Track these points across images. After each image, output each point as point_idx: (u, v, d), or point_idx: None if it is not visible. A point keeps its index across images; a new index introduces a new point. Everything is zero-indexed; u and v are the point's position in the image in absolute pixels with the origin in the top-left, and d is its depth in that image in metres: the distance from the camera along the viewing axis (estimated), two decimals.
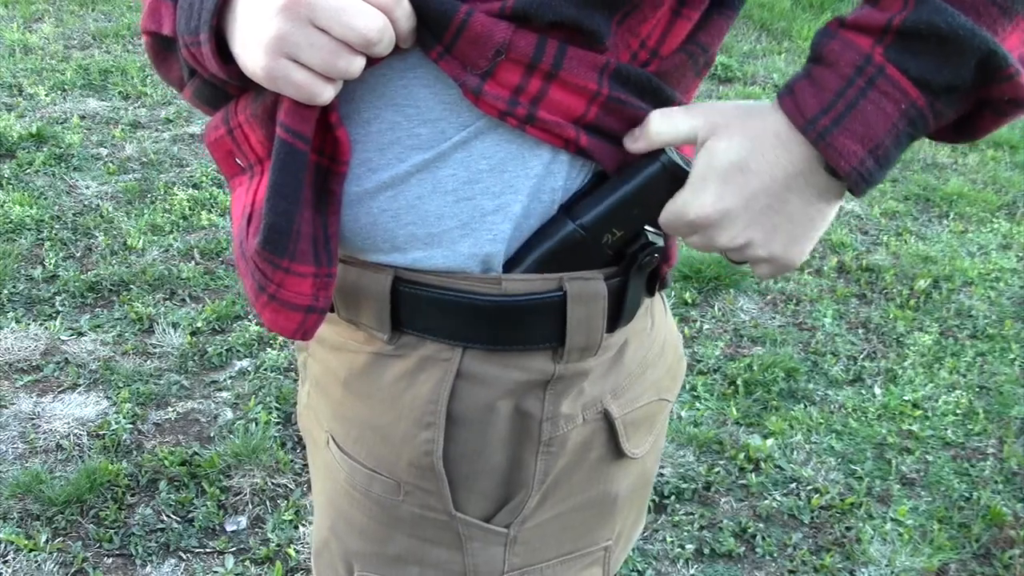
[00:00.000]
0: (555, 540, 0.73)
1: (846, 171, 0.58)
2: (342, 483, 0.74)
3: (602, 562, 0.78)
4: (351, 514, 0.74)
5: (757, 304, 2.77)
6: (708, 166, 0.62)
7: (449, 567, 0.71)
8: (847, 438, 2.25)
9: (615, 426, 0.71)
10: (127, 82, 4.01)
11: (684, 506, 2.00)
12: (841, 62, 0.58)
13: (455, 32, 0.59)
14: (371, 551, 0.73)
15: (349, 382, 0.72)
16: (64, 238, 2.83)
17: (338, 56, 0.57)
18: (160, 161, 3.37)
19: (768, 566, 1.87)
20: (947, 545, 1.94)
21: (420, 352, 0.68)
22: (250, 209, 0.66)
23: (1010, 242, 3.24)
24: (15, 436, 2.07)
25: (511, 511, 0.70)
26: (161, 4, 0.64)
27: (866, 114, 0.57)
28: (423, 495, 0.70)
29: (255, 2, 0.58)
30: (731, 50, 4.95)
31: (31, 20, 4.71)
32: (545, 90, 0.61)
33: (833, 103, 0.58)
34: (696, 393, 2.35)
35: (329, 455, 0.75)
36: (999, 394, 2.43)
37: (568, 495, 0.72)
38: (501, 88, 0.61)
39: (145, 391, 2.21)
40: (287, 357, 2.35)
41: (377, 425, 0.70)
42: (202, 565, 1.79)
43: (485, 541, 0.70)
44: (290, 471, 2.01)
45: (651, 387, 0.76)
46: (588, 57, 0.61)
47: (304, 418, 0.83)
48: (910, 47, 0.56)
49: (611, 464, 0.73)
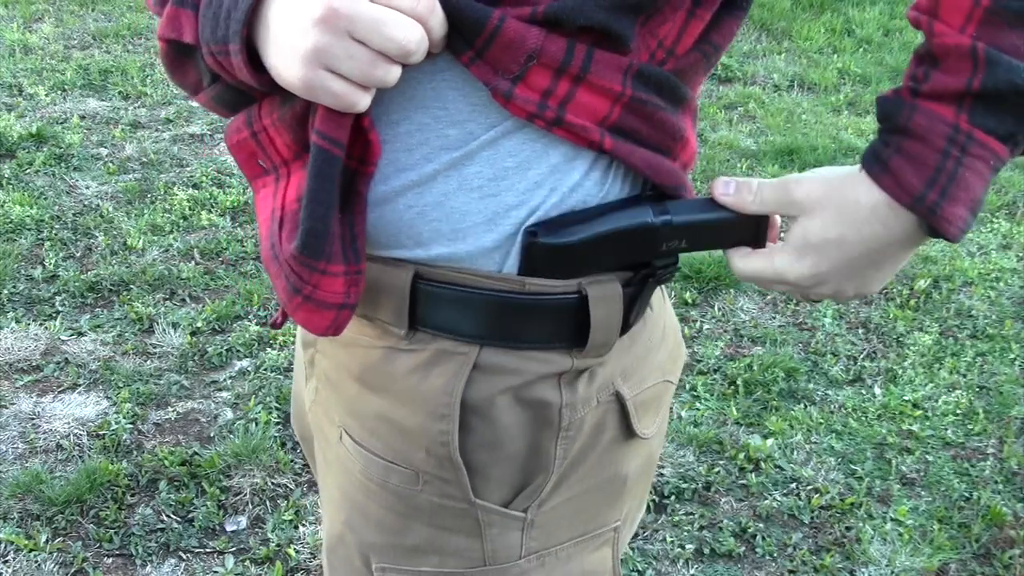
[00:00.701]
0: (569, 523, 0.75)
1: (952, 234, 0.61)
2: (357, 476, 0.74)
3: (612, 543, 0.79)
4: (367, 506, 0.74)
5: (757, 304, 2.77)
6: (805, 240, 0.66)
7: (468, 554, 0.72)
8: (847, 438, 2.25)
9: (627, 407, 0.73)
10: (127, 82, 4.01)
11: (684, 506, 2.00)
12: (931, 135, 0.60)
13: (488, 38, 0.60)
14: (389, 542, 0.74)
15: (363, 377, 0.72)
16: (64, 238, 2.83)
17: (376, 66, 0.58)
18: (160, 161, 3.37)
19: (768, 566, 1.88)
20: (947, 545, 1.94)
21: (435, 346, 0.69)
22: (280, 212, 0.67)
23: (1010, 242, 3.24)
24: (15, 436, 2.07)
25: (529, 495, 0.72)
26: (181, 12, 0.64)
27: (967, 180, 0.60)
28: (442, 484, 0.70)
29: (290, 13, 0.58)
30: (731, 50, 4.95)
31: (31, 20, 4.72)
32: (573, 92, 0.63)
33: (935, 178, 0.60)
34: (696, 393, 2.35)
35: (342, 449, 0.76)
36: (999, 394, 2.43)
37: (583, 478, 0.74)
38: (531, 91, 0.62)
39: (145, 391, 2.22)
40: (287, 357, 2.35)
41: (393, 418, 0.71)
42: (202, 565, 1.79)
43: (503, 527, 0.72)
44: (290, 471, 2.01)
45: (656, 369, 0.78)
46: (613, 59, 0.62)
47: (312, 414, 0.83)
48: (991, 108, 0.59)
49: (622, 445, 0.75)
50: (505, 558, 0.72)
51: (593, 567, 0.78)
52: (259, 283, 2.64)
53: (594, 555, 0.78)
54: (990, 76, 0.58)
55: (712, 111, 4.14)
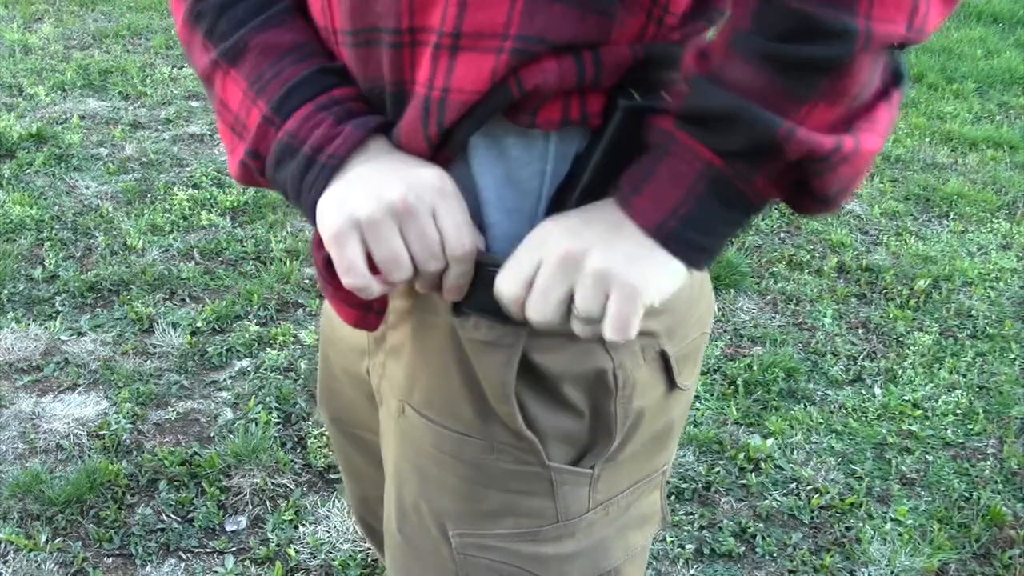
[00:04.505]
0: (627, 473, 0.80)
1: (646, 228, 0.63)
2: (429, 449, 0.77)
3: (660, 485, 0.85)
4: (441, 477, 0.77)
5: (757, 304, 2.77)
6: (545, 231, 0.66)
7: (542, 513, 0.76)
8: (847, 438, 2.25)
9: (670, 364, 0.77)
10: (127, 82, 4.01)
11: (684, 506, 2.00)
12: (648, 142, 0.64)
13: None
14: (465, 509, 0.77)
15: (431, 355, 0.75)
16: (64, 238, 2.83)
17: (399, 267, 0.66)
18: (160, 161, 3.37)
19: (768, 566, 1.88)
20: (947, 545, 1.94)
21: (487, 328, 0.72)
22: None
23: (1010, 242, 3.24)
24: (15, 436, 2.07)
25: (597, 454, 0.76)
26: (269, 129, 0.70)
27: (661, 177, 0.63)
28: (517, 452, 0.74)
29: (367, 179, 0.66)
30: None
31: (31, 20, 4.72)
32: (585, 100, 0.66)
33: (634, 171, 0.64)
34: (696, 393, 2.35)
35: (406, 423, 0.79)
36: (999, 394, 2.43)
37: (641, 434, 0.78)
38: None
39: (145, 391, 2.22)
40: (287, 357, 2.36)
41: (461, 397, 0.74)
42: (202, 565, 1.79)
43: (575, 484, 0.76)
44: (290, 471, 2.01)
45: (696, 322, 0.81)
46: (623, 54, 0.65)
47: (381, 390, 0.84)
48: (698, 120, 0.61)
49: (668, 398, 0.80)
50: (576, 512, 0.77)
51: (647, 510, 0.84)
52: (259, 283, 2.64)
53: (648, 499, 0.84)
54: (694, 95, 0.61)
55: None
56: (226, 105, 0.72)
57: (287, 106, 0.68)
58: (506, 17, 0.62)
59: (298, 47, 0.70)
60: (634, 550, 0.83)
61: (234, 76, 0.71)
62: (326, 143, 0.66)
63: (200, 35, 0.72)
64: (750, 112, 0.59)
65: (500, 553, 0.77)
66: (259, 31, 0.70)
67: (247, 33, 0.70)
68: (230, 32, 0.71)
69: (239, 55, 0.71)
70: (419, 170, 0.66)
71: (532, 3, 0.62)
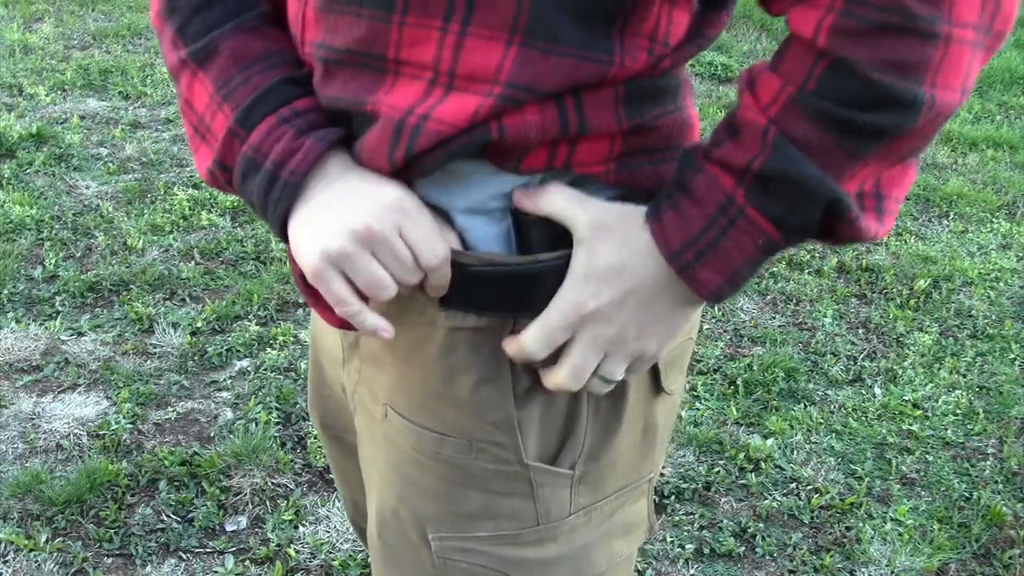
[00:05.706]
0: (611, 477, 0.79)
1: (703, 295, 0.66)
2: (408, 451, 0.77)
3: (647, 493, 0.85)
4: (421, 479, 0.77)
5: (757, 304, 2.77)
6: (588, 265, 0.67)
7: (522, 515, 0.76)
8: (847, 438, 2.25)
9: (657, 367, 0.77)
10: (127, 82, 4.01)
11: (684, 506, 2.00)
12: (707, 200, 0.64)
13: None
14: (444, 512, 0.77)
15: (409, 355, 0.75)
16: (64, 238, 2.83)
17: (383, 287, 0.67)
18: (160, 161, 3.37)
19: (768, 566, 1.88)
20: (947, 545, 1.94)
21: (471, 323, 0.72)
22: None
23: (1010, 242, 3.24)
24: (15, 436, 2.07)
25: (572, 450, 0.76)
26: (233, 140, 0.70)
27: (727, 250, 0.64)
28: (496, 449, 0.74)
29: (331, 212, 0.66)
30: (731, 50, 4.95)
31: (31, 20, 4.72)
32: (573, 150, 0.67)
33: (696, 239, 0.64)
34: (696, 393, 2.35)
35: (388, 427, 0.79)
36: (999, 394, 2.43)
37: (622, 434, 0.77)
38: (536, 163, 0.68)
39: (145, 391, 2.22)
40: (287, 357, 2.35)
41: (442, 393, 0.74)
42: (202, 565, 1.79)
43: (554, 485, 0.76)
44: (290, 471, 2.01)
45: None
46: (604, 96, 0.65)
47: (356, 396, 0.84)
48: (768, 190, 0.62)
49: (653, 401, 0.80)
50: (557, 516, 0.76)
51: (633, 517, 0.83)
52: (259, 283, 2.64)
53: (634, 506, 0.83)
54: (771, 160, 0.61)
55: (712, 111, 4.14)
56: (191, 105, 0.72)
57: (251, 118, 0.68)
58: (497, 64, 0.62)
59: (269, 55, 0.70)
60: (618, 558, 0.82)
61: (201, 78, 0.71)
62: (287, 158, 0.66)
63: (171, 30, 0.73)
64: (830, 190, 0.61)
65: (481, 556, 0.77)
66: (231, 36, 0.71)
67: (219, 36, 0.71)
68: (202, 33, 0.71)
69: (208, 57, 0.71)
70: (379, 190, 0.66)
71: (525, 54, 0.62)
